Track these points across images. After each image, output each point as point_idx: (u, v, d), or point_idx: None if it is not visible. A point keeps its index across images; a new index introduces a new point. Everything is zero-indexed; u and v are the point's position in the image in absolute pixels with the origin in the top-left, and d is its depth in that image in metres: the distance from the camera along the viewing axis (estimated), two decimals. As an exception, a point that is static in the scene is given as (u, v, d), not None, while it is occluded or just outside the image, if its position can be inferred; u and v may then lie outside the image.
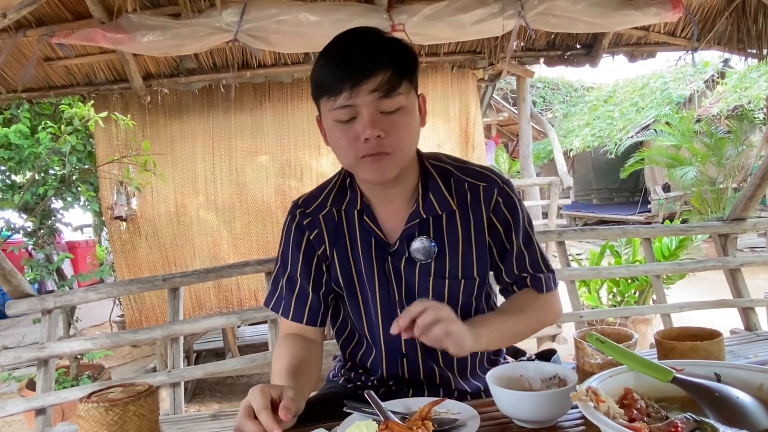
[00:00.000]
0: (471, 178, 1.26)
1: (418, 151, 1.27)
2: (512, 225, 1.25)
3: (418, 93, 1.18)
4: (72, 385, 3.45)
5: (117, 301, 4.82)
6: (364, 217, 1.25)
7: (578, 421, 0.97)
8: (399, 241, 1.23)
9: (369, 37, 1.12)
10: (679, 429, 0.74)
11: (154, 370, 4.29)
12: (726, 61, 11.01)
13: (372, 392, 1.08)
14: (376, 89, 1.06)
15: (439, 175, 1.26)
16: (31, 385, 3.64)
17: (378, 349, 1.31)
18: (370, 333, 1.30)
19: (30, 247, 4.15)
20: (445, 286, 1.24)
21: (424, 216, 1.22)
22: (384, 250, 1.25)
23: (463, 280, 1.24)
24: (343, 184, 1.30)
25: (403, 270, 1.24)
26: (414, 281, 1.24)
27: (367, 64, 1.06)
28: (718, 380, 0.88)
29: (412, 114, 1.14)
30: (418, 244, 1.21)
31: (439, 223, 1.24)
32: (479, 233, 1.24)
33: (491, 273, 1.32)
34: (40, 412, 2.39)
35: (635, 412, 0.82)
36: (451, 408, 1.02)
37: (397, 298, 1.26)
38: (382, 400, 1.24)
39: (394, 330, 1.01)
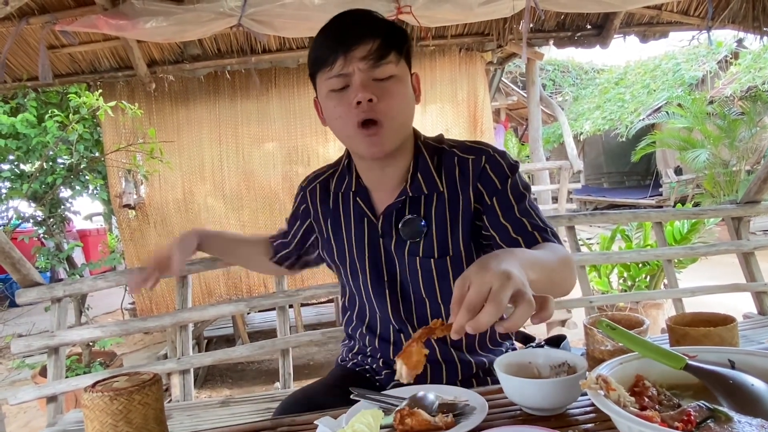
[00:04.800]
0: (461, 152, 1.25)
1: (415, 132, 1.29)
2: (499, 187, 1.19)
3: (412, 72, 1.22)
4: (84, 372, 3.49)
5: (128, 289, 4.85)
6: (357, 198, 1.29)
7: (588, 409, 0.96)
8: (383, 216, 1.25)
9: (359, 14, 1.18)
10: (692, 417, 0.72)
11: (166, 356, 4.32)
12: (740, 41, 10.82)
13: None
14: (366, 56, 1.11)
15: (432, 154, 1.26)
16: (45, 372, 3.67)
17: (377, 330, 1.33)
18: (371, 314, 1.32)
19: (41, 236, 4.18)
20: (432, 264, 1.23)
21: (411, 194, 1.23)
22: (376, 231, 1.27)
23: (450, 259, 1.23)
24: (343, 166, 1.35)
25: (393, 250, 1.25)
26: (404, 261, 1.25)
27: (358, 33, 1.12)
28: (732, 367, 0.86)
29: (404, 84, 1.17)
30: (408, 222, 1.23)
31: (429, 201, 1.24)
32: (467, 212, 1.21)
33: None
34: (52, 399, 2.41)
35: (646, 400, 0.80)
36: (458, 395, 1.01)
37: (386, 279, 1.27)
38: (388, 382, 1.24)
39: (456, 336, 0.76)
